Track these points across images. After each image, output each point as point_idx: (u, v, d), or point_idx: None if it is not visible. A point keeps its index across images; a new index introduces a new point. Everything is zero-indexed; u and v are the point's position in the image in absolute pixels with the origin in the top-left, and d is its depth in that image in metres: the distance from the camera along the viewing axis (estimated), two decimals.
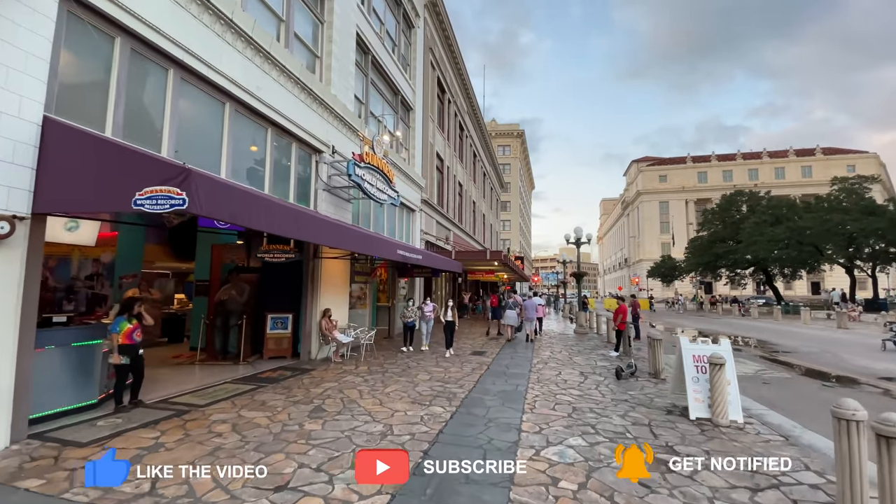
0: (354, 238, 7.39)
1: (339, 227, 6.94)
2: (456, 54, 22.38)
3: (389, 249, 8.55)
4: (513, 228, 67.31)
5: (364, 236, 7.63)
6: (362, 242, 7.47)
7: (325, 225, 6.48)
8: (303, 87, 8.71)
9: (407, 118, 16.43)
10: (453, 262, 14.56)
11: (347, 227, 7.36)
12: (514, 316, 14.67)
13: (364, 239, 7.50)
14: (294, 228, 5.51)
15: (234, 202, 4.25)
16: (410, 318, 11.03)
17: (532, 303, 15.22)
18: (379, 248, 8.19)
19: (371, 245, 7.91)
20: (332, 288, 9.96)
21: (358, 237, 7.45)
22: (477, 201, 31.14)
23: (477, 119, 30.11)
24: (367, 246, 7.72)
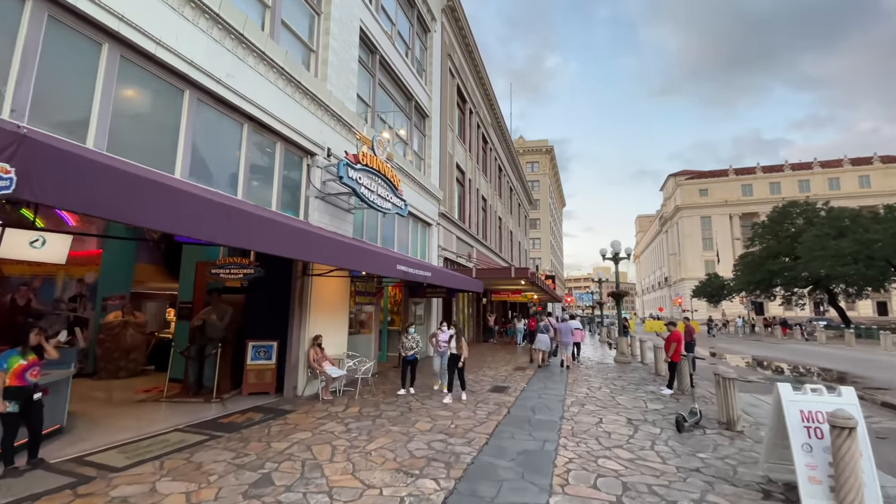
0: (333, 249, 5.98)
1: (307, 235, 5.56)
2: (477, 63, 21.30)
3: (384, 264, 7.10)
4: (543, 247, 64.97)
5: (345, 247, 6.22)
6: (343, 254, 6.05)
7: (286, 232, 5.10)
8: (289, 80, 7.57)
9: (422, 126, 15.25)
10: (473, 281, 12.97)
11: (323, 237, 5.98)
12: (546, 340, 13.22)
13: (345, 250, 6.09)
14: (232, 233, 4.13)
15: (112, 190, 2.92)
16: (412, 352, 8.58)
17: (567, 326, 13.58)
18: (369, 263, 6.74)
19: (356, 258, 6.48)
20: (325, 310, 8.58)
21: (338, 249, 6.05)
22: (503, 217, 29.54)
23: (502, 132, 28.82)
24: (350, 259, 6.29)
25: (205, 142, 6.24)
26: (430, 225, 14.99)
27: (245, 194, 6.88)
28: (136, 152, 5.15)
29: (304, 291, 8.10)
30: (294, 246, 5.19)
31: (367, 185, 8.25)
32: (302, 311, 8.06)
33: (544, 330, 13.27)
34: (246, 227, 4.29)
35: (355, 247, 6.66)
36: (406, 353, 8.59)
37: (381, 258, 7.00)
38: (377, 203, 8.68)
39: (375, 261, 6.71)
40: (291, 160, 8.06)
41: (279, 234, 4.80)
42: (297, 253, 5.47)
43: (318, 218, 8.42)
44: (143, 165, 5.07)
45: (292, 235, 5.19)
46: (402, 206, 9.71)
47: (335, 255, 5.81)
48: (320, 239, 5.68)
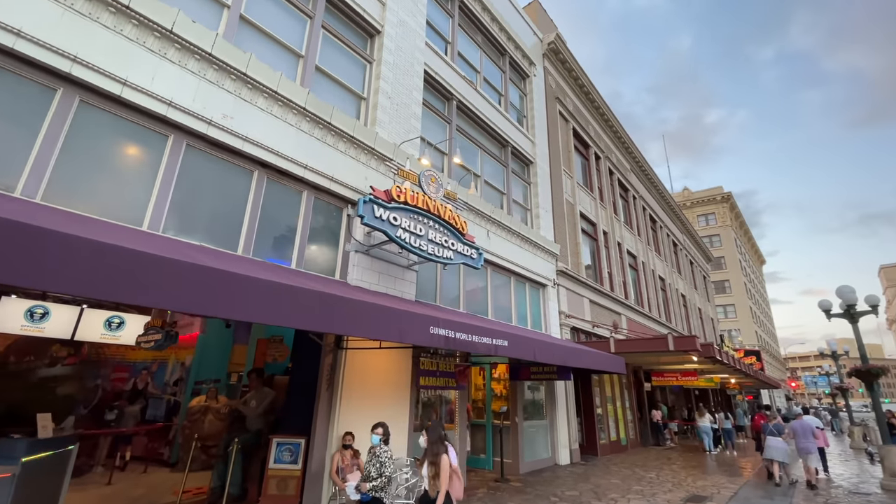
0: (324, 309, 4.06)
1: (298, 293, 3.79)
2: (598, 104, 18.83)
3: (406, 328, 4.81)
4: (741, 315, 51.56)
5: (340, 302, 4.24)
6: (326, 316, 4.07)
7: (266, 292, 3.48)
8: (324, 126, 6.69)
9: (524, 173, 13.20)
10: (606, 357, 9.30)
11: (334, 297, 4.15)
12: (781, 447, 9.39)
13: (325, 307, 4.08)
14: (200, 299, 2.75)
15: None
16: (369, 488, 4.63)
17: (805, 424, 9.60)
18: (376, 327, 4.52)
19: (353, 320, 4.36)
20: (369, 396, 6.54)
21: (330, 306, 4.11)
22: (667, 278, 23.86)
23: (649, 179, 24.50)
24: (340, 321, 4.23)
25: (193, 189, 5.44)
26: (543, 286, 12.09)
27: (254, 250, 5.76)
28: (104, 202, 4.44)
29: (335, 370, 6.31)
30: (275, 310, 3.54)
31: (408, 228, 6.42)
32: (332, 397, 6.19)
33: (775, 431, 9.57)
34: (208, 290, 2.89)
35: (362, 305, 4.65)
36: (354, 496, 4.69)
37: (406, 319, 4.76)
38: (428, 251, 6.70)
39: (382, 323, 4.51)
40: (325, 210, 6.88)
41: (260, 297, 3.34)
42: (273, 318, 3.75)
43: (361, 276, 6.83)
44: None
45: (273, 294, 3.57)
46: (472, 256, 7.50)
47: (328, 319, 3.89)
48: (315, 298, 3.92)
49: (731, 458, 13.53)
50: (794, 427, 9.57)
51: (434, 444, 4.24)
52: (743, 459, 13.24)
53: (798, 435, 9.40)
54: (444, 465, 4.08)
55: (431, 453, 4.19)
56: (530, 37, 15.05)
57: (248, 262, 5.08)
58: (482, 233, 9.92)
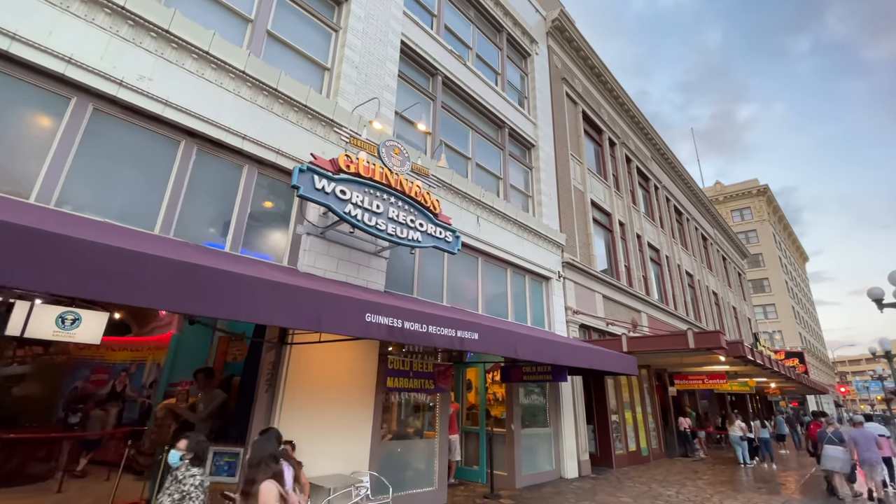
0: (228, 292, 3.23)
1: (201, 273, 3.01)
2: (612, 87, 17.51)
3: (327, 314, 3.89)
4: (782, 315, 48.12)
5: (249, 284, 3.39)
6: (248, 302, 3.23)
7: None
8: (270, 93, 5.94)
9: (525, 158, 12.13)
10: (611, 356, 8.10)
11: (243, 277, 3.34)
12: (840, 456, 8.52)
13: (243, 288, 3.21)
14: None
15: None
16: None
17: (867, 433, 8.56)
18: (276, 311, 3.59)
19: (275, 306, 3.49)
20: (323, 400, 5.66)
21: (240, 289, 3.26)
22: (694, 273, 22.08)
23: (672, 167, 22.83)
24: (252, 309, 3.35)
25: (97, 160, 4.74)
26: (546, 279, 10.96)
27: (177, 230, 5.01)
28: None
29: (277, 369, 5.47)
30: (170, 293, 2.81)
31: (360, 204, 5.53)
32: (273, 400, 5.35)
33: (834, 438, 8.75)
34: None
35: (286, 288, 3.79)
36: None
37: (310, 301, 3.74)
38: (388, 231, 5.79)
39: (283, 304, 3.56)
40: (270, 187, 6.09)
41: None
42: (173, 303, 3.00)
43: (314, 263, 5.99)
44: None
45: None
46: (446, 239, 6.54)
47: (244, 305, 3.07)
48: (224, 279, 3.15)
49: (770, 471, 11.92)
50: (854, 437, 8.47)
51: (254, 468, 3.02)
52: (784, 473, 11.62)
53: (860, 445, 8.31)
54: (265, 496, 2.93)
55: (246, 479, 2.97)
56: (532, 13, 14.01)
57: (161, 242, 4.32)
58: (471, 219, 8.95)
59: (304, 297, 3.73)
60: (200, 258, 3.66)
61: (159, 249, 3.38)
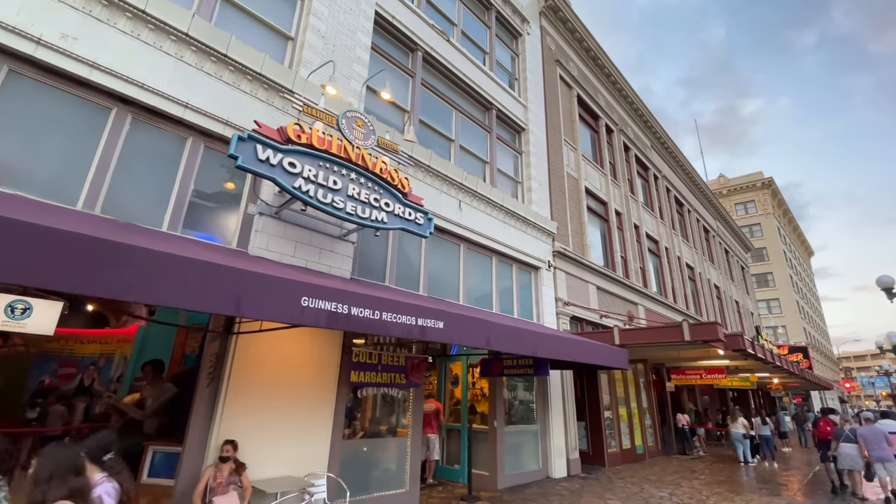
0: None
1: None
2: (610, 72, 16.84)
3: (249, 297, 3.36)
4: (786, 310, 47.37)
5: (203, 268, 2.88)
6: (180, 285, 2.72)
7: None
8: (219, 58, 5.40)
9: (515, 142, 11.54)
10: (600, 349, 7.55)
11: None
12: (853, 454, 8.30)
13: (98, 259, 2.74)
14: None
15: None
16: None
17: (877, 430, 8.25)
18: (184, 292, 3.06)
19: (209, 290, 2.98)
20: (274, 395, 5.15)
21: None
22: (695, 266, 21.45)
23: (673, 157, 22.14)
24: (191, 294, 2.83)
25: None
26: (535, 269, 10.40)
27: (95, 205, 4.49)
28: None
29: (222, 361, 4.95)
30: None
31: (314, 178, 4.99)
32: (216, 394, 4.84)
33: (851, 436, 8.44)
34: None
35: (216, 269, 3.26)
36: None
37: (230, 281, 3.16)
38: (347, 209, 5.24)
39: (194, 284, 3.02)
40: (220, 161, 5.55)
41: None
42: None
43: (267, 245, 5.46)
44: None
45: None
46: (417, 220, 5.99)
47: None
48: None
49: (771, 470, 11.37)
50: (863, 434, 8.22)
51: (42, 483, 2.16)
52: (786, 473, 11.07)
53: (869, 443, 8.02)
54: None
55: (29, 501, 2.16)
56: None
57: (76, 218, 3.81)
58: (452, 203, 8.40)
59: (219, 276, 3.20)
60: (104, 232, 3.14)
61: (57, 222, 2.87)
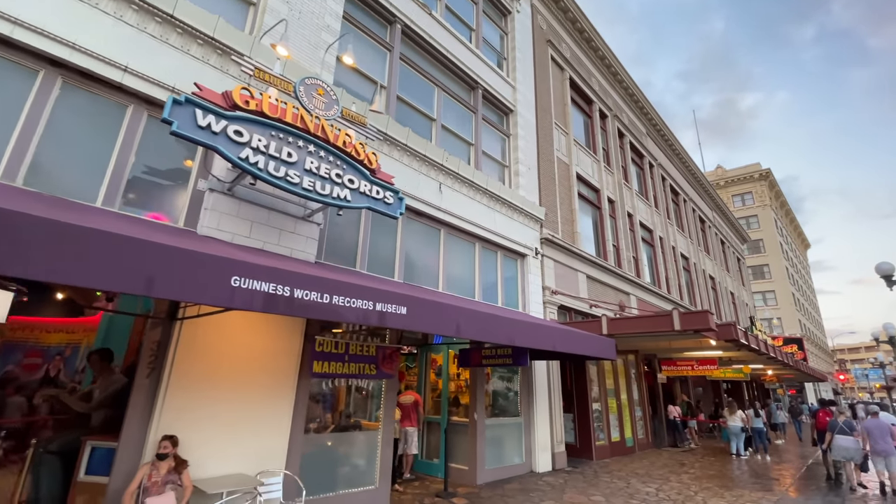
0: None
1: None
2: (604, 55, 16.29)
3: (162, 275, 2.96)
4: (781, 302, 47.23)
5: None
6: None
7: None
8: (165, 19, 4.90)
9: (502, 124, 11.06)
10: (585, 339, 7.17)
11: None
12: (853, 445, 8.33)
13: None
14: None
15: None
16: None
17: (882, 424, 8.14)
18: (81, 268, 2.68)
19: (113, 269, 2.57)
20: (224, 387, 4.74)
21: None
22: (690, 256, 21.09)
23: (669, 145, 21.67)
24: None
25: None
26: (522, 256, 9.99)
27: (16, 177, 4.04)
28: None
29: (164, 349, 4.54)
30: None
31: (265, 149, 4.53)
32: (156, 386, 4.43)
33: (846, 428, 8.52)
34: None
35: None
36: None
37: (141, 255, 2.75)
38: (304, 185, 4.79)
39: (96, 258, 2.62)
40: (166, 131, 5.08)
41: None
42: None
43: (218, 225, 5.01)
44: None
45: None
46: (385, 199, 5.54)
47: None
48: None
49: (764, 464, 11.09)
50: (868, 427, 8.16)
51: None
52: (778, 466, 10.79)
53: (874, 436, 8.00)
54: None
55: None
56: None
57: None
58: (431, 185, 7.96)
59: (127, 251, 2.76)
60: (16, 204, 2.70)
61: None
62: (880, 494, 8.00)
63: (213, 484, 4.18)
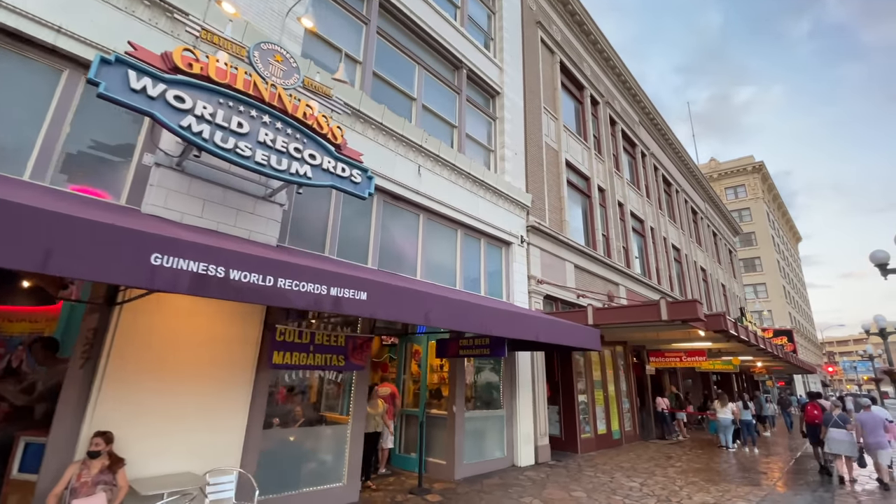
0: None
1: None
2: (596, 39, 15.84)
3: (62, 250, 2.59)
4: (772, 294, 47.41)
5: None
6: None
7: None
8: None
9: (488, 106, 10.64)
10: (567, 328, 6.86)
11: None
12: (846, 439, 8.25)
13: None
14: None
15: None
16: None
17: (876, 417, 8.19)
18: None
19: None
20: (171, 379, 4.36)
21: None
22: (682, 247, 20.87)
23: (662, 134, 21.33)
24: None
25: None
26: (507, 244, 9.64)
27: None
28: None
29: (101, 337, 4.15)
30: None
31: (210, 118, 4.11)
32: (92, 377, 4.05)
33: (840, 422, 8.42)
34: None
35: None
36: None
37: (35, 226, 2.40)
38: (257, 159, 4.37)
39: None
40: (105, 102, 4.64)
41: None
42: None
43: (166, 203, 4.59)
44: None
45: None
46: (352, 178, 5.13)
47: None
48: None
49: (752, 457, 10.92)
50: (862, 420, 8.24)
51: None
52: (766, 459, 10.62)
53: (868, 429, 8.08)
54: None
55: None
56: None
57: None
58: (408, 167, 7.56)
59: (17, 220, 2.36)
60: None
61: None
62: (878, 486, 7.91)
63: (151, 484, 3.81)
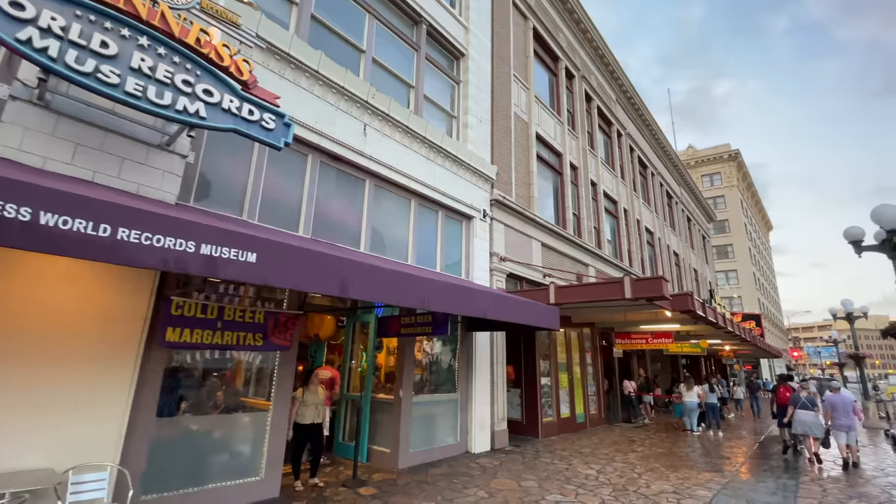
0: None
1: None
2: (573, 8, 15.05)
3: None
4: (743, 282, 48.45)
5: None
6: None
7: None
8: None
9: (452, 69, 9.82)
10: (522, 305, 6.26)
11: None
12: (813, 420, 8.34)
13: None
14: None
15: None
16: None
17: (846, 399, 8.38)
18: None
19: None
20: (31, 360, 3.56)
21: None
22: (655, 231, 20.63)
23: (640, 115, 20.85)
24: None
25: None
26: (468, 218, 8.96)
27: None
28: None
29: None
30: None
31: (61, 32, 3.23)
32: None
33: (808, 403, 8.54)
34: None
35: None
36: None
37: None
38: (128, 89, 3.51)
39: None
40: None
41: None
42: None
43: (26, 146, 3.71)
44: None
45: None
46: (263, 123, 4.31)
47: None
48: None
49: (716, 441, 10.73)
50: (832, 401, 8.37)
51: None
52: (730, 443, 10.43)
53: (838, 410, 8.23)
54: None
55: None
56: None
57: None
58: (352, 125, 6.74)
59: None
60: None
61: None
62: (842, 470, 7.87)
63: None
